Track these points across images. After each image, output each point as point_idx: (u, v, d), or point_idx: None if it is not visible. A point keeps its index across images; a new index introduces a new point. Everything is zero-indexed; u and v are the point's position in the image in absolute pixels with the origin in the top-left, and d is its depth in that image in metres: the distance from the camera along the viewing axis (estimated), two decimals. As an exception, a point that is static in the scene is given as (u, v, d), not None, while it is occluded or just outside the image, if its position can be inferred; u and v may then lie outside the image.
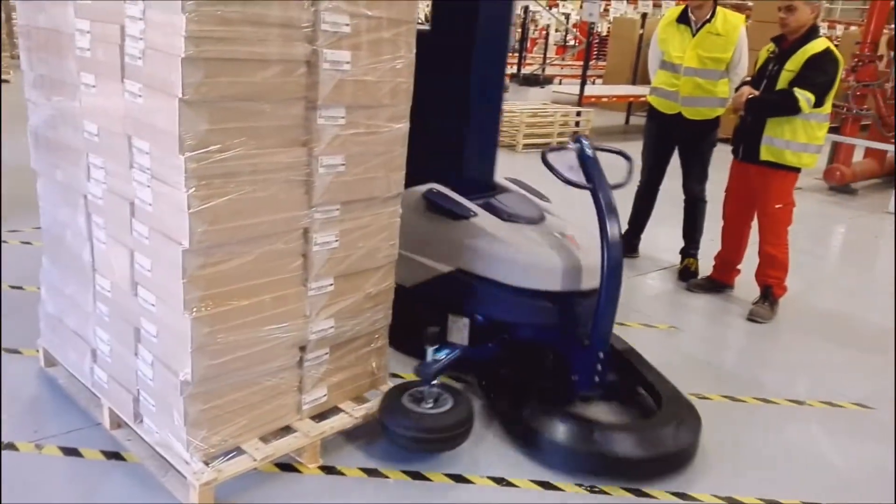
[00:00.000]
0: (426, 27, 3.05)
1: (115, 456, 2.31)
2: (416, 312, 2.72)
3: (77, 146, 2.26)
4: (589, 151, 2.71)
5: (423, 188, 2.99)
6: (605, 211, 2.64)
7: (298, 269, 2.20)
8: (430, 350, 2.45)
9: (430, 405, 2.40)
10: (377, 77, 2.21)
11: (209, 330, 1.97)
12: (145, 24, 1.84)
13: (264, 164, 1.99)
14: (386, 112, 2.29)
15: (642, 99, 9.83)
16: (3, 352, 2.84)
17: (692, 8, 4.12)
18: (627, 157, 2.99)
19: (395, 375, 2.86)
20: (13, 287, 3.44)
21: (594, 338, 2.64)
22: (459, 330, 2.86)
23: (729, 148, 4.05)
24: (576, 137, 2.80)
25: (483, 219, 2.88)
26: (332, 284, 2.30)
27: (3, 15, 10.73)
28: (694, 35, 4.11)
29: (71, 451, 2.31)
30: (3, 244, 3.98)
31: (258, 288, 2.09)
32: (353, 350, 2.48)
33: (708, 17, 4.08)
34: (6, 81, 10.03)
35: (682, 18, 4.16)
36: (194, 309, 1.94)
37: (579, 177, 2.74)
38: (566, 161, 2.77)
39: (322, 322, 2.30)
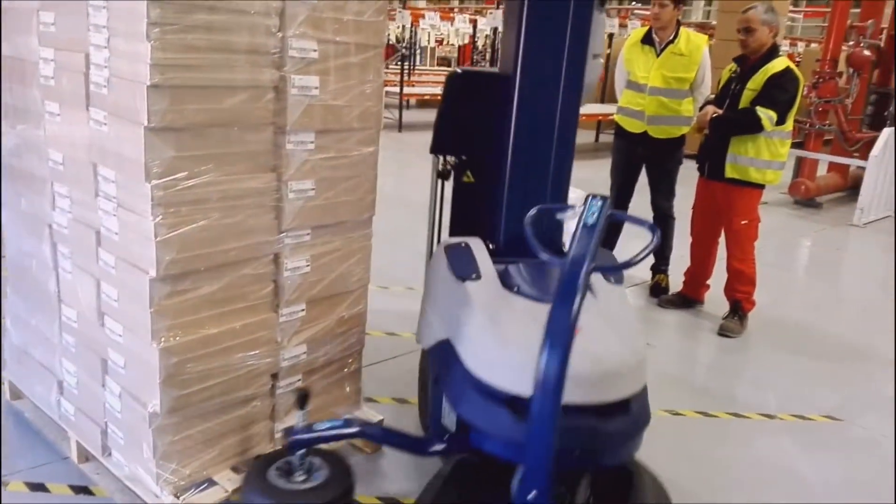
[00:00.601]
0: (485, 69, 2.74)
1: (83, 490, 2.25)
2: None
3: (42, 175, 2.23)
4: (591, 219, 1.73)
5: (456, 240, 2.40)
6: (561, 314, 1.62)
7: (269, 296, 2.18)
8: (299, 413, 2.03)
9: (299, 478, 1.96)
10: (346, 101, 2.22)
11: (178, 360, 1.94)
12: (110, 53, 1.83)
13: (233, 190, 1.99)
14: (355, 136, 2.30)
15: (611, 117, 9.96)
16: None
17: (656, 29, 4.20)
18: (652, 229, 1.83)
19: (369, 400, 2.84)
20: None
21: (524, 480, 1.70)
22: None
23: (695, 164, 4.12)
24: (589, 196, 1.80)
25: (482, 285, 2.16)
26: (303, 310, 2.29)
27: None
28: (658, 55, 4.19)
29: (37, 487, 2.25)
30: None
31: (228, 315, 2.07)
32: (327, 375, 2.46)
33: (671, 37, 4.17)
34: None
35: (647, 39, 4.25)
36: (162, 339, 1.91)
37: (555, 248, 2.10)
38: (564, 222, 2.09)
39: (294, 348, 2.29)
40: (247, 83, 1.94)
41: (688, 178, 4.41)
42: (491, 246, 2.42)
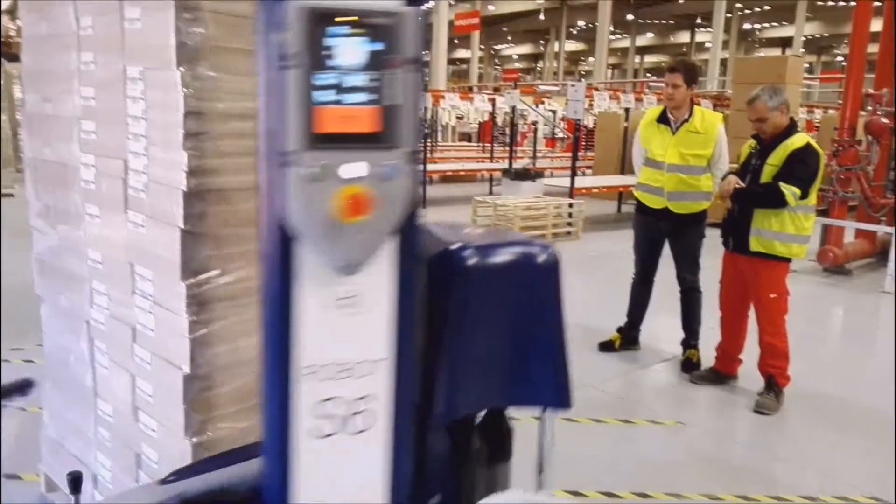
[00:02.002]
0: None
1: (111, 589, 2.23)
2: None
3: (81, 273, 2.32)
4: None
5: None
6: None
7: (298, 387, 2.20)
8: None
9: None
10: (371, 195, 2.30)
11: (211, 454, 1.96)
12: (148, 160, 1.94)
13: (263, 285, 2.04)
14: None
15: (631, 188, 10.09)
16: (2, 477, 2.79)
17: (670, 109, 4.30)
18: None
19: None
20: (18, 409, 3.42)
21: None
22: None
23: (719, 232, 4.12)
24: None
25: None
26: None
27: (8, 131, 11.12)
28: (674, 134, 4.27)
29: (66, 586, 2.24)
30: (4, 363, 3.98)
31: (258, 408, 2.09)
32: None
33: (686, 116, 4.26)
34: (10, 196, 10.29)
35: (662, 119, 4.34)
36: (195, 433, 1.93)
37: None
38: None
39: (323, 438, 2.29)
40: (277, 183, 2.02)
41: (714, 248, 4.40)
42: None
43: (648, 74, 46.89)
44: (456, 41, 35.59)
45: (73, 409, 2.49)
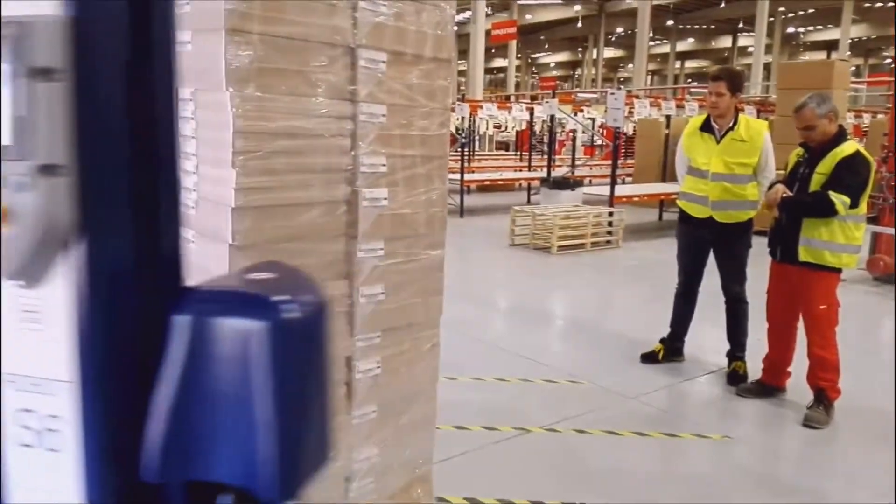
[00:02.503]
0: None
1: None
2: None
3: (133, 287, 2.38)
4: None
5: None
6: None
7: (342, 399, 2.23)
8: None
9: None
10: (413, 209, 2.32)
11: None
12: (198, 178, 1.99)
13: (308, 299, 2.07)
14: (423, 241, 2.38)
15: (673, 196, 9.96)
16: None
17: (714, 117, 4.24)
18: None
19: (441, 500, 2.81)
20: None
21: None
22: None
23: (765, 241, 4.03)
24: None
25: None
26: (375, 411, 2.32)
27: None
28: (718, 142, 4.20)
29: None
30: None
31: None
32: (398, 477, 2.46)
33: (731, 124, 4.19)
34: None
35: (706, 127, 4.28)
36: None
37: None
38: None
39: (366, 451, 2.31)
40: (322, 199, 2.06)
41: (761, 255, 4.30)
42: None
43: (689, 80, 46.28)
44: (493, 50, 35.64)
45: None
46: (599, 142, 18.80)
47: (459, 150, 12.51)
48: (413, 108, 2.25)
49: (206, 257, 2.00)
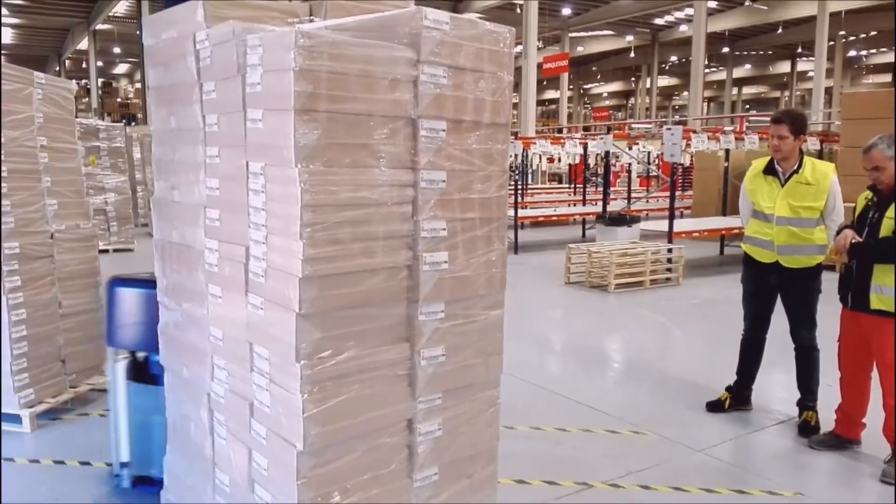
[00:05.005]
0: None
1: None
2: None
3: (203, 348, 2.47)
4: None
5: None
6: None
7: (404, 462, 2.24)
8: None
9: None
10: (473, 271, 2.34)
11: (322, 532, 2.01)
12: (267, 248, 2.06)
13: (371, 363, 2.11)
14: (482, 301, 2.40)
15: (735, 231, 9.70)
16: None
17: (777, 160, 4.14)
18: None
19: (502, 560, 2.77)
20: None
21: None
22: None
23: (836, 277, 3.86)
24: None
25: None
26: (436, 474, 2.32)
27: (128, 190, 12.02)
28: (783, 185, 4.10)
29: None
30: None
31: (365, 484, 2.14)
32: (460, 539, 2.44)
33: (795, 167, 4.08)
34: (130, 250, 11.09)
35: (769, 170, 4.18)
36: (307, 510, 2.00)
37: None
38: None
39: (428, 513, 2.31)
40: (384, 265, 2.10)
41: (831, 294, 4.12)
42: None
43: (747, 106, 45.37)
44: (544, 82, 35.77)
45: (194, 476, 2.62)
46: (655, 173, 18.54)
47: (512, 186, 12.52)
48: (472, 172, 2.29)
49: (273, 325, 2.06)
